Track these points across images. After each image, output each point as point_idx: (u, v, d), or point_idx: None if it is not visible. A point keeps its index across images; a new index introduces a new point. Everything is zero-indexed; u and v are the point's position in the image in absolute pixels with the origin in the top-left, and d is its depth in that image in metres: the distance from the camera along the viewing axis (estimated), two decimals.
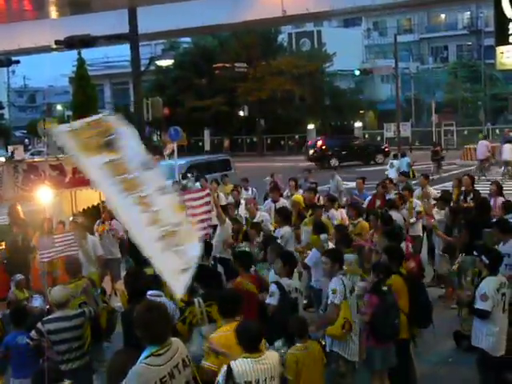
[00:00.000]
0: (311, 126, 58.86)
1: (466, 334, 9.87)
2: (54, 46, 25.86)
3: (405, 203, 13.68)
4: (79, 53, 20.93)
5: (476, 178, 25.74)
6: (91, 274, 9.23)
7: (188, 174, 24.39)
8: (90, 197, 14.24)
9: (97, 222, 14.23)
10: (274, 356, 5.90)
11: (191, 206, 12.59)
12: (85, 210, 14.66)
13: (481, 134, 50.04)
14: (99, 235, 13.63)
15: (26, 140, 70.35)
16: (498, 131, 48.78)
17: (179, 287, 6.01)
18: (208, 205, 12.19)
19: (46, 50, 41.31)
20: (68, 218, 14.10)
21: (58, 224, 13.83)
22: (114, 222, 14.18)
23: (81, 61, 20.41)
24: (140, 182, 6.12)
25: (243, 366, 5.63)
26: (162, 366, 5.08)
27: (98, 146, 6.16)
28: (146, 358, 5.08)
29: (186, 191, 14.59)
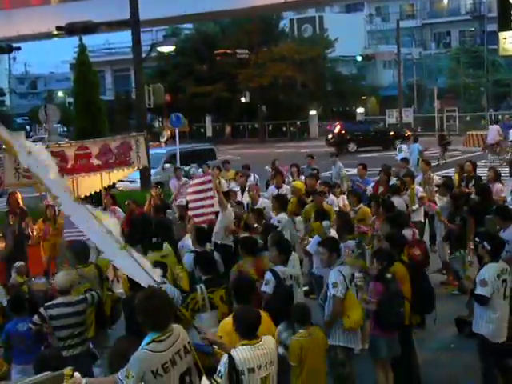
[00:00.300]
0: (313, 112, 58.78)
1: (468, 320, 9.91)
2: (55, 33, 25.87)
3: (406, 189, 13.65)
4: (80, 39, 20.82)
5: (488, 163, 25.87)
6: (100, 261, 9.14)
7: (166, 165, 23.95)
8: (91, 183, 14.24)
9: (98, 208, 14.21)
10: (271, 341, 5.87)
11: (196, 191, 12.62)
12: (86, 196, 14.66)
13: (483, 120, 50.03)
14: None
15: (28, 127, 70.45)
16: (500, 117, 48.62)
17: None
18: (210, 191, 12.20)
19: (48, 36, 41.29)
20: None
21: (60, 211, 13.84)
22: (116, 208, 14.20)
23: (82, 47, 20.30)
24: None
25: (244, 354, 5.58)
26: (163, 352, 5.08)
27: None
28: (147, 344, 5.08)
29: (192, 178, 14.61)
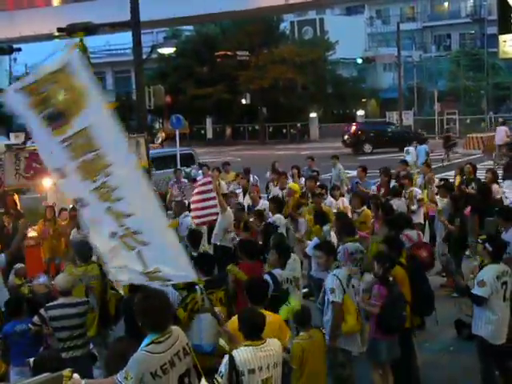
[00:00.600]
0: (313, 115, 58.77)
1: (467, 323, 9.91)
2: (56, 34, 25.83)
3: (404, 191, 13.63)
4: (81, 40, 20.84)
5: (495, 165, 25.88)
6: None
7: None
8: None
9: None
10: (276, 343, 5.86)
11: (200, 192, 12.63)
12: None
13: (483, 123, 50.03)
14: None
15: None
16: (500, 120, 48.63)
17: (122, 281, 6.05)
18: (211, 192, 12.24)
19: (49, 37, 41.27)
20: (70, 205, 14.14)
21: (61, 211, 13.86)
22: None
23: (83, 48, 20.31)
24: (110, 169, 5.63)
25: (245, 354, 5.59)
26: (162, 353, 5.07)
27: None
28: (146, 345, 5.08)
29: (196, 181, 14.60)
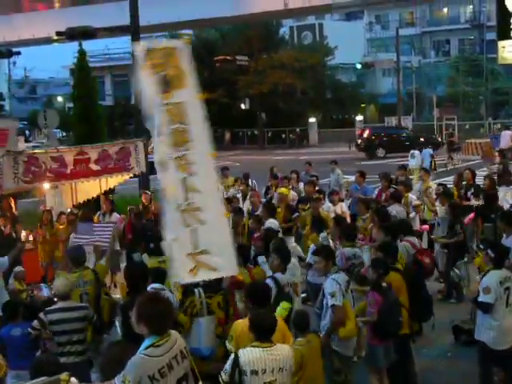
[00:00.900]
0: (312, 120, 58.80)
1: (465, 328, 9.90)
2: (55, 38, 25.87)
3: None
4: (80, 44, 20.84)
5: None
6: (98, 267, 9.14)
7: None
8: (90, 189, 14.26)
9: (97, 214, 14.24)
10: (286, 348, 5.86)
11: None
12: (85, 201, 14.68)
13: (482, 129, 50.07)
14: None
15: (27, 131, 70.34)
16: (499, 125, 48.69)
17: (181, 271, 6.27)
18: None
19: (48, 41, 41.35)
20: (68, 209, 14.15)
21: (60, 215, 13.86)
22: (115, 214, 14.22)
23: (81, 52, 20.32)
24: (191, 145, 6.41)
25: (250, 355, 5.62)
26: (160, 356, 5.06)
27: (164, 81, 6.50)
28: (145, 348, 5.06)
29: None
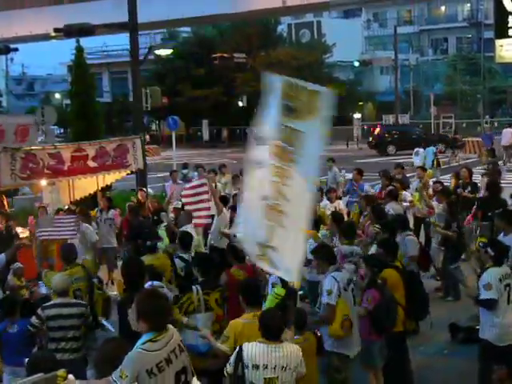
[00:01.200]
0: None
1: (462, 326, 9.93)
2: (53, 34, 25.79)
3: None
4: (78, 41, 20.83)
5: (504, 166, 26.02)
6: (85, 262, 9.18)
7: None
8: (87, 185, 14.25)
9: (95, 210, 14.25)
10: (292, 347, 5.84)
11: (190, 195, 12.65)
12: (82, 198, 14.67)
13: (479, 127, 50.12)
14: (96, 223, 13.64)
15: None
16: (496, 124, 48.75)
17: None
18: (205, 194, 12.25)
19: (45, 38, 41.22)
20: (65, 206, 14.15)
21: (57, 212, 13.86)
22: (113, 210, 14.22)
23: (79, 49, 20.31)
24: (293, 166, 6.51)
25: (254, 350, 5.66)
26: (158, 351, 5.06)
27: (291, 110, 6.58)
28: (142, 343, 5.06)
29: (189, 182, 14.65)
